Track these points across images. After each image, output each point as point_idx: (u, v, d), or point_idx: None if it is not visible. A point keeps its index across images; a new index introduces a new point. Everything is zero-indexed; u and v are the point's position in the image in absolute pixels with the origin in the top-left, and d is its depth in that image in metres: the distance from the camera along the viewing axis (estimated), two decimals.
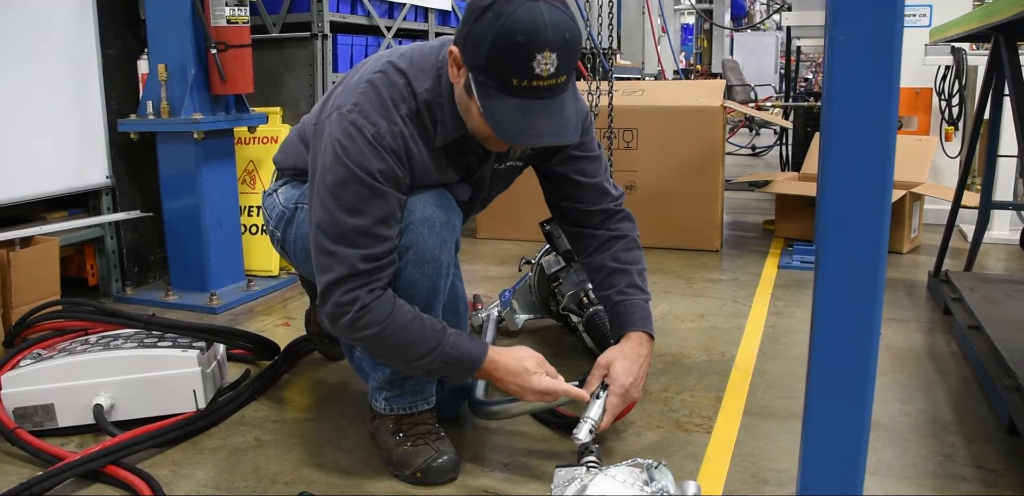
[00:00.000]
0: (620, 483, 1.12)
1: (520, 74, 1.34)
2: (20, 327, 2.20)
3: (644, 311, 1.73)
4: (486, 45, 1.34)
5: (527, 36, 1.31)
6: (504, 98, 1.37)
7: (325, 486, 1.60)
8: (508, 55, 1.33)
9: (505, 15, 1.32)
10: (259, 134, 3.15)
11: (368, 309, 1.46)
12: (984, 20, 2.10)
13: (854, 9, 0.89)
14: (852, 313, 0.91)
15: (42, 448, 1.72)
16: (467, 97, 1.45)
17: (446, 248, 1.56)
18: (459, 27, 1.44)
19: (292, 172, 1.79)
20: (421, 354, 1.48)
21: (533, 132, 1.38)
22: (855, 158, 0.92)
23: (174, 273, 2.98)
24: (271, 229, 1.82)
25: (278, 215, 1.78)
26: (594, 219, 1.79)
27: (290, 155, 1.79)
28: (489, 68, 1.36)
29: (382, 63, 1.56)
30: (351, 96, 1.52)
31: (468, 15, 1.39)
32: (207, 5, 2.71)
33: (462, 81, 1.45)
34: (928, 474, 1.61)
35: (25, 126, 2.58)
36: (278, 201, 1.79)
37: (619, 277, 1.74)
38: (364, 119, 1.48)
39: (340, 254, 1.46)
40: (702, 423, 1.85)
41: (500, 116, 1.38)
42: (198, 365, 1.87)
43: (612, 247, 1.78)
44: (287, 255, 1.82)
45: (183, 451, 1.77)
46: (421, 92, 1.52)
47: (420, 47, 1.61)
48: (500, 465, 1.67)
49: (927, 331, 2.48)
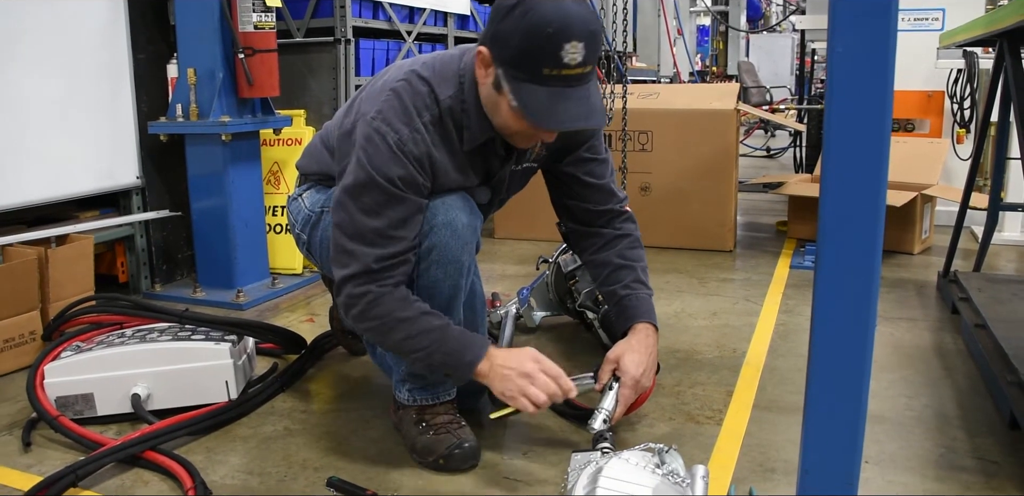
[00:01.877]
0: (633, 466, 1.20)
1: (551, 63, 1.42)
2: (59, 321, 2.29)
3: (649, 305, 1.82)
4: (517, 38, 1.43)
5: (557, 27, 1.40)
6: (536, 88, 1.45)
7: (352, 472, 1.68)
8: (539, 45, 1.42)
9: (534, 9, 1.41)
10: (284, 136, 3.24)
11: (376, 303, 1.54)
12: (989, 27, 2.16)
13: (851, 23, 0.96)
14: (849, 304, 0.98)
15: (83, 434, 1.81)
16: (496, 94, 1.53)
17: (467, 250, 1.64)
18: (485, 29, 1.53)
19: (316, 177, 1.86)
20: (423, 346, 1.56)
21: (565, 117, 1.46)
22: (852, 159, 0.98)
23: (201, 270, 3.07)
24: (296, 232, 1.90)
25: (304, 218, 1.86)
26: (600, 218, 1.87)
27: (314, 160, 1.87)
28: (521, 60, 1.44)
29: (405, 72, 1.63)
30: (375, 104, 1.59)
31: (495, 15, 1.47)
32: (235, 11, 2.81)
33: (490, 80, 1.52)
34: (931, 464, 1.67)
35: (61, 128, 2.68)
36: (303, 205, 1.87)
37: (624, 273, 1.82)
38: (387, 126, 1.55)
39: (356, 252, 1.55)
40: (713, 415, 1.92)
41: (533, 105, 1.46)
42: (230, 357, 1.96)
43: (617, 245, 1.86)
44: (312, 257, 1.90)
45: (216, 439, 1.86)
46: (444, 99, 1.59)
47: (441, 55, 1.68)
48: (519, 453, 1.74)
49: (935, 330, 2.53)
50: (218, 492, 1.61)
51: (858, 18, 0.95)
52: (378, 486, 1.60)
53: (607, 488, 1.14)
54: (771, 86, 8.10)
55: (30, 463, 1.77)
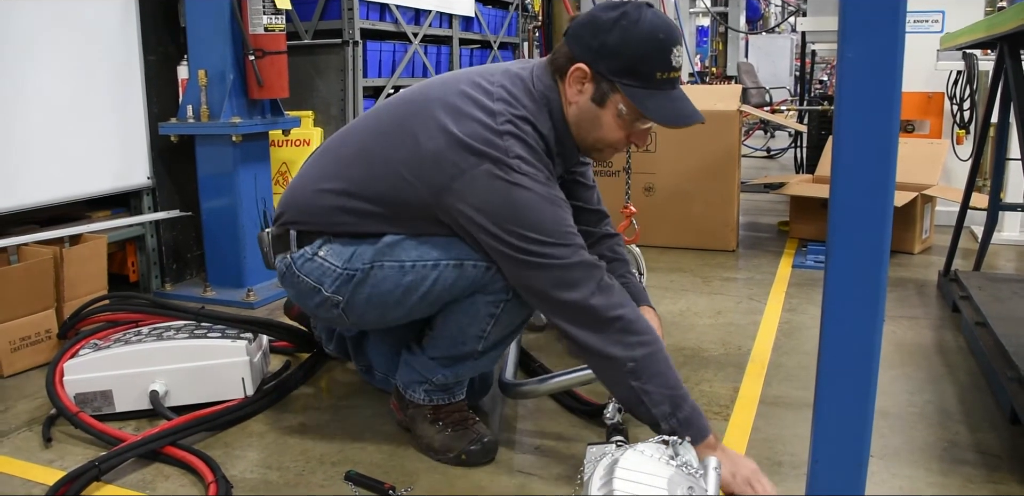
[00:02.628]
0: (648, 457, 1.24)
1: (664, 67, 1.52)
2: (75, 319, 2.33)
3: (645, 292, 1.94)
4: (631, 48, 1.51)
5: (665, 34, 1.52)
6: (653, 92, 1.54)
7: (370, 466, 1.72)
8: (653, 53, 1.51)
9: (641, 20, 1.51)
10: (292, 137, 3.28)
11: (634, 320, 1.54)
12: (990, 30, 2.20)
13: (861, 31, 1.00)
14: (859, 300, 1.02)
15: (103, 430, 1.85)
16: (596, 109, 1.58)
17: None
18: (580, 44, 1.55)
19: (329, 232, 1.68)
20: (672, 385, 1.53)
21: (684, 114, 1.57)
22: (861, 160, 1.02)
23: (211, 270, 3.11)
24: (326, 295, 1.66)
25: (336, 278, 1.64)
26: (592, 217, 1.94)
27: (322, 212, 1.67)
28: (635, 68, 1.52)
29: (497, 110, 1.53)
30: (496, 148, 1.50)
31: (595, 30, 1.53)
32: (246, 13, 2.84)
33: (587, 96, 1.57)
34: (934, 458, 1.71)
35: (74, 129, 2.72)
36: (329, 264, 1.65)
37: (617, 265, 1.91)
38: (529, 166, 1.52)
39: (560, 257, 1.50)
40: (720, 411, 1.96)
41: (658, 108, 1.54)
42: (247, 355, 2.00)
43: (607, 242, 1.95)
44: (345, 316, 1.69)
45: (233, 434, 1.90)
46: (547, 133, 1.58)
47: (507, 86, 1.59)
48: (531, 448, 1.78)
49: (936, 328, 2.57)
50: (239, 486, 1.64)
51: (868, 25, 0.99)
52: (394, 480, 1.64)
53: (624, 478, 1.18)
54: (770, 87, 8.15)
55: (51, 458, 1.80)
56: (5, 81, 2.45)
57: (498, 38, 4.59)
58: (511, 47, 4.91)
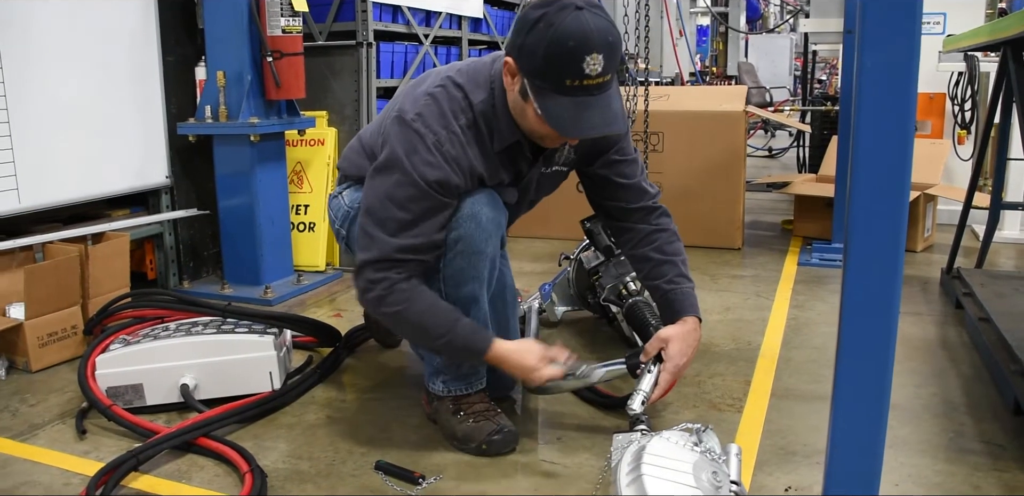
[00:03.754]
0: (673, 444, 1.30)
1: (573, 75, 1.52)
2: (102, 315, 2.38)
3: (693, 298, 1.91)
4: (540, 52, 1.52)
5: (577, 41, 1.49)
6: (559, 97, 1.55)
7: (397, 456, 1.78)
8: (561, 59, 1.51)
9: (555, 24, 1.50)
10: (307, 137, 3.34)
11: (394, 289, 1.65)
12: (994, 35, 2.27)
13: (879, 42, 1.06)
14: (877, 293, 1.08)
15: (137, 423, 1.91)
16: (522, 101, 1.63)
17: (491, 242, 1.73)
18: (510, 39, 1.62)
19: (356, 178, 1.95)
20: (435, 336, 1.68)
21: (588, 124, 1.56)
22: (878, 161, 1.09)
23: (228, 267, 3.17)
24: (337, 228, 2.00)
25: (343, 214, 1.96)
26: (635, 215, 1.96)
27: (353, 165, 1.96)
28: (544, 72, 1.54)
29: (441, 78, 1.73)
30: (414, 107, 1.69)
31: (520, 28, 1.57)
32: (264, 16, 2.90)
33: (517, 87, 1.62)
34: (941, 448, 1.78)
35: (96, 130, 2.77)
36: (343, 202, 1.97)
37: (667, 268, 1.90)
38: (426, 128, 1.65)
39: (378, 238, 1.65)
40: (733, 403, 2.03)
41: (557, 113, 1.55)
42: (274, 349, 2.06)
43: (655, 240, 1.94)
44: (351, 251, 1.97)
45: (262, 427, 1.96)
46: (477, 103, 1.69)
47: (474, 63, 1.78)
48: (553, 438, 1.85)
49: (940, 323, 2.64)
50: (271, 476, 1.70)
51: (886, 36, 1.05)
52: (422, 469, 1.70)
53: (651, 464, 1.25)
54: (770, 87, 8.21)
55: (87, 449, 1.86)
56: (29, 83, 2.51)
57: (505, 38, 4.65)
58: None
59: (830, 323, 2.66)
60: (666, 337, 1.80)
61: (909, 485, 1.63)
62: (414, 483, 1.65)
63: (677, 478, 1.24)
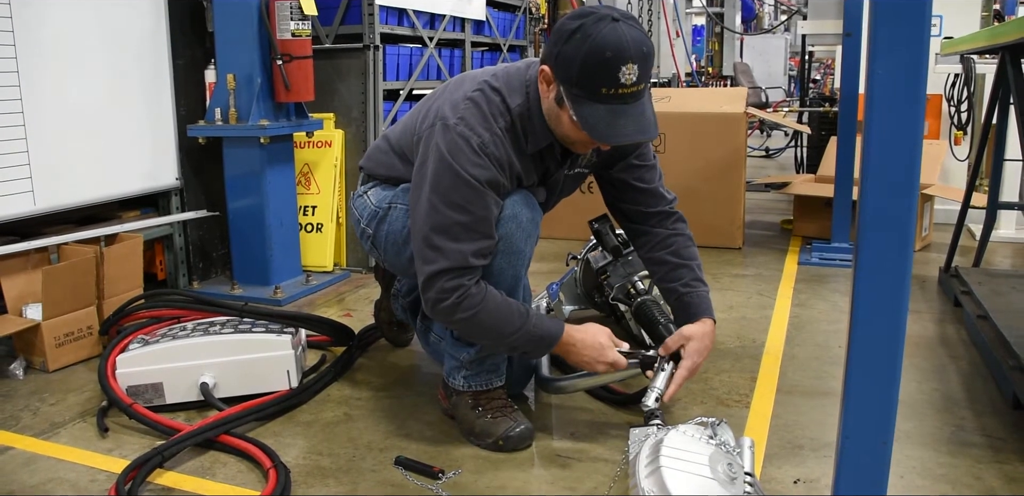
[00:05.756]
0: (689, 437, 1.35)
1: (608, 84, 1.57)
2: (119, 316, 2.42)
3: (708, 302, 1.95)
4: (578, 61, 1.57)
5: (613, 51, 1.54)
6: (594, 105, 1.60)
7: (416, 452, 1.82)
8: (597, 68, 1.56)
9: (592, 35, 1.55)
10: (315, 139, 3.38)
11: (467, 295, 1.68)
12: (993, 40, 2.32)
13: (890, 49, 1.11)
14: (887, 289, 1.13)
15: (158, 420, 1.95)
16: (557, 108, 1.68)
17: (530, 242, 1.79)
18: (547, 48, 1.66)
19: (383, 178, 1.99)
20: (509, 332, 1.71)
21: (622, 132, 1.61)
22: (889, 163, 1.14)
23: (238, 268, 3.20)
24: (362, 227, 2.00)
25: (370, 214, 1.97)
26: (652, 219, 2.01)
27: (381, 165, 1.99)
28: (581, 81, 1.59)
29: (478, 82, 1.77)
30: (456, 111, 1.72)
31: (557, 38, 1.61)
32: (273, 20, 2.94)
33: (552, 95, 1.67)
34: (943, 441, 1.83)
35: (108, 132, 2.81)
36: (369, 202, 1.98)
37: (683, 271, 1.96)
38: (470, 131, 1.69)
39: (446, 248, 1.68)
40: (740, 399, 2.08)
41: (592, 121, 1.60)
42: (291, 348, 2.10)
43: (672, 244, 1.99)
44: (376, 250, 2.01)
45: (281, 424, 2.00)
46: (514, 107, 1.74)
47: (508, 68, 1.83)
48: (567, 434, 1.90)
49: (939, 321, 2.70)
50: (293, 472, 1.74)
51: (896, 46, 1.10)
52: (441, 464, 1.75)
53: (669, 456, 1.30)
54: (766, 87, 8.28)
55: (110, 447, 1.90)
56: (42, 87, 2.54)
57: (507, 41, 4.69)
58: (519, 49, 5.01)
59: (832, 321, 2.72)
60: (688, 334, 1.84)
61: (914, 477, 1.68)
62: (434, 478, 1.70)
63: (694, 469, 1.29)
